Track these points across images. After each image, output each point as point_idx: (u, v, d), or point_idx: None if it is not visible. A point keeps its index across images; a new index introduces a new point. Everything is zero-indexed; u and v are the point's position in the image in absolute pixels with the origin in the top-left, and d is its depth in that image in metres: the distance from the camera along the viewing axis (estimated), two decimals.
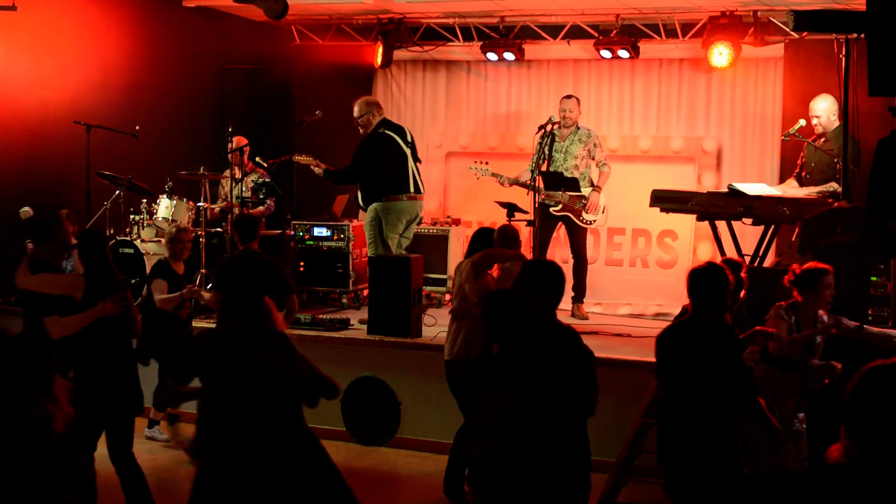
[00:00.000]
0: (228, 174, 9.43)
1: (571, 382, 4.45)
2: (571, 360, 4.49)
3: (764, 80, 9.80)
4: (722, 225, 8.01)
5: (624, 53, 9.82)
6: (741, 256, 7.81)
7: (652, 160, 10.14)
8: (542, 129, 8.81)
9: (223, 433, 4.34)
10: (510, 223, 7.40)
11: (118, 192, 9.19)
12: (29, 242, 6.85)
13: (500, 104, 10.80)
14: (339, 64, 10.96)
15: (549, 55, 10.49)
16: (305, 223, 9.91)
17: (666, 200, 8.07)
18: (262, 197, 9.57)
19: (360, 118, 8.85)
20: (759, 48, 9.52)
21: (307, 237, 9.85)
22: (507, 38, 10.28)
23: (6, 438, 3.23)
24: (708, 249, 9.30)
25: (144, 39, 10.20)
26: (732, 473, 4.86)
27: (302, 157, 8.97)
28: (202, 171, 9.54)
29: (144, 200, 9.18)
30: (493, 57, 10.32)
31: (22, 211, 8.61)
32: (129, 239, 8.85)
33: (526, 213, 8.49)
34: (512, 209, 8.41)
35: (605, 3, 9.63)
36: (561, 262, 9.88)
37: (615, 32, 9.83)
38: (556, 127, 9.13)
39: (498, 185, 9.45)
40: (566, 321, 9.29)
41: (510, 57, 10.27)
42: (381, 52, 10.59)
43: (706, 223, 8.13)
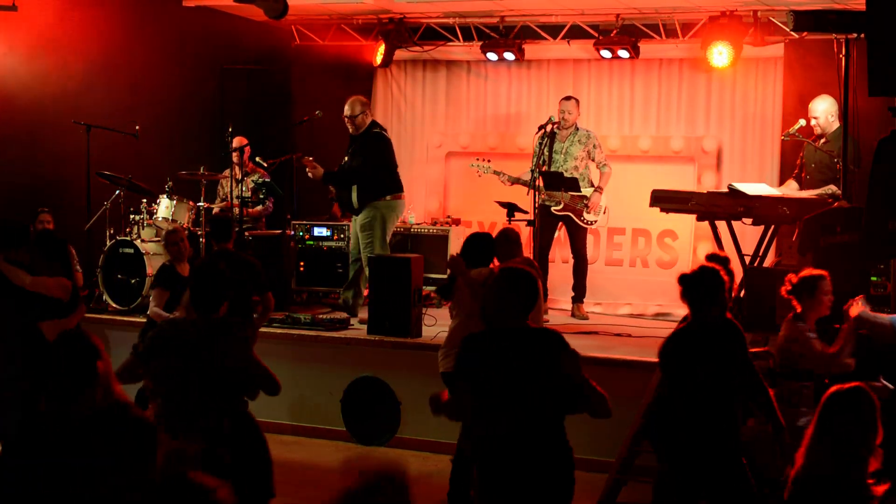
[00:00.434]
0: (228, 174, 9.44)
1: (546, 387, 4.31)
2: (545, 364, 4.30)
3: (764, 80, 9.80)
4: (722, 225, 8.01)
5: (624, 53, 9.82)
6: (741, 256, 7.82)
7: (652, 160, 10.14)
8: (541, 129, 8.81)
9: (169, 418, 4.59)
10: (510, 225, 7.38)
11: (118, 192, 9.19)
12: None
13: (500, 104, 10.80)
14: (339, 64, 10.95)
15: (549, 55, 10.49)
16: (305, 223, 9.91)
17: (666, 200, 8.07)
18: (262, 197, 9.57)
19: (355, 117, 8.84)
20: (759, 48, 9.52)
21: (307, 237, 9.85)
22: (507, 38, 10.28)
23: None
24: (708, 249, 9.28)
25: (144, 39, 10.20)
26: (737, 473, 4.87)
27: (307, 159, 8.95)
28: (202, 171, 9.54)
29: (144, 200, 9.18)
30: (493, 57, 10.32)
31: None
32: (129, 239, 8.85)
33: (526, 213, 8.49)
34: (512, 209, 8.41)
35: (605, 3, 9.63)
36: (561, 262, 9.94)
37: (615, 32, 9.82)
38: (555, 127, 9.14)
39: (498, 185, 9.45)
40: (566, 321, 9.37)
41: (510, 57, 10.27)
42: (381, 51, 10.59)
43: (706, 223, 8.13)
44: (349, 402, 7.85)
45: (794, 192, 8.22)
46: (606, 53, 9.89)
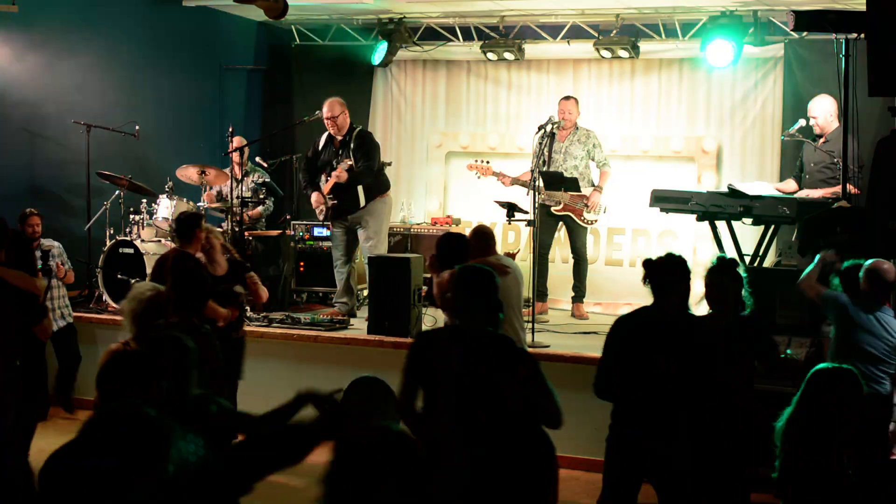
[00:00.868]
0: (228, 174, 9.44)
1: (502, 391, 4.23)
2: (500, 368, 4.24)
3: (764, 80, 9.80)
4: (722, 225, 8.01)
5: (624, 53, 9.82)
6: (741, 256, 7.82)
7: (652, 160, 10.14)
8: (541, 128, 8.82)
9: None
10: (482, 224, 7.35)
11: (118, 192, 9.19)
12: None
13: (500, 104, 10.80)
14: (339, 64, 10.96)
15: (549, 55, 10.49)
16: (305, 223, 9.90)
17: (666, 200, 8.07)
18: (261, 197, 9.58)
19: (337, 118, 8.76)
20: (759, 48, 9.52)
21: (307, 237, 9.85)
22: (507, 38, 10.28)
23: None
24: (708, 249, 9.29)
25: (144, 39, 10.20)
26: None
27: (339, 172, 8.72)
28: (202, 171, 9.54)
29: (144, 200, 9.18)
30: (493, 57, 10.32)
31: None
32: (129, 239, 8.85)
33: (526, 213, 8.49)
34: (512, 209, 8.41)
35: (605, 3, 9.63)
36: (561, 262, 9.94)
37: (615, 32, 9.83)
38: (555, 127, 9.14)
39: (498, 185, 9.46)
40: (566, 321, 9.36)
41: (510, 57, 10.27)
42: (381, 51, 10.59)
43: (706, 223, 8.13)
44: (349, 402, 7.84)
45: (803, 192, 8.21)
46: (606, 53, 9.90)
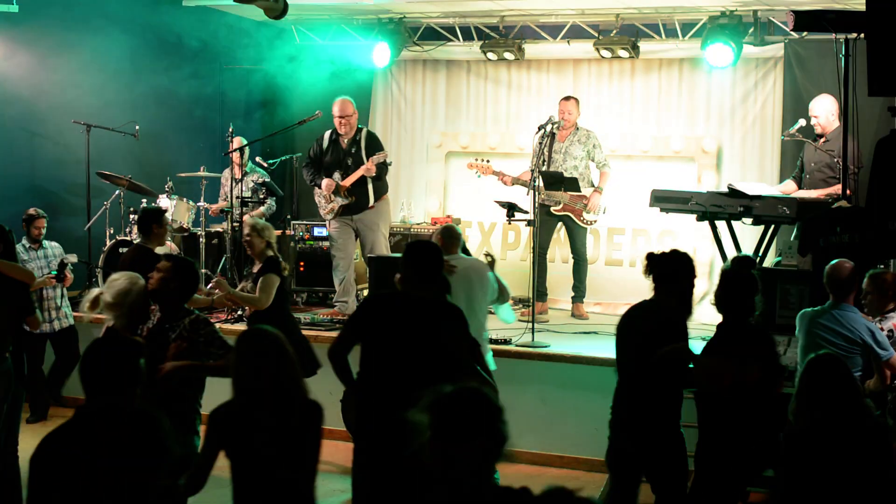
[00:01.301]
0: (228, 174, 9.44)
1: (447, 350, 4.66)
2: (432, 332, 4.69)
3: (764, 80, 9.80)
4: (722, 225, 8.01)
5: (624, 53, 9.82)
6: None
7: (652, 160, 10.14)
8: (541, 128, 8.82)
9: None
10: (450, 224, 7.36)
11: (118, 191, 9.19)
12: None
13: (500, 104, 10.79)
14: (339, 64, 10.96)
15: (549, 55, 10.48)
16: (305, 223, 9.91)
17: (666, 200, 8.07)
18: (262, 197, 9.58)
19: (350, 117, 8.84)
20: (759, 48, 9.52)
21: (307, 237, 9.85)
22: (507, 37, 10.28)
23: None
24: (708, 249, 9.29)
25: (144, 39, 10.20)
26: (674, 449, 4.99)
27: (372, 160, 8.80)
28: (202, 171, 9.54)
29: (144, 200, 9.19)
30: (493, 57, 10.32)
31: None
32: (129, 239, 8.85)
33: (526, 212, 8.49)
34: (512, 209, 8.41)
35: (605, 3, 9.62)
36: (561, 262, 9.94)
37: (615, 32, 9.82)
38: (555, 127, 9.13)
39: (498, 185, 9.45)
40: (566, 321, 9.35)
41: (510, 57, 10.27)
42: (381, 51, 10.58)
43: (706, 223, 8.13)
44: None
45: (801, 192, 8.22)
46: (606, 53, 9.89)
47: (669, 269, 5.04)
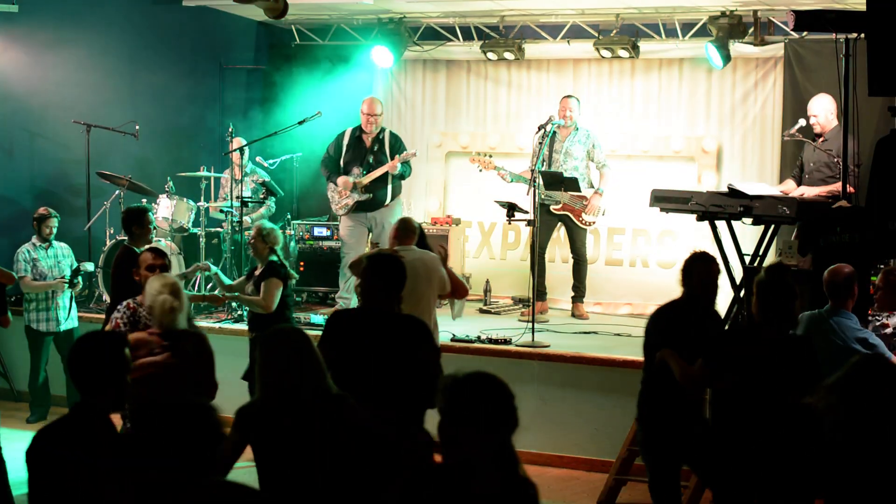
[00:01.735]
0: (228, 174, 9.44)
1: (407, 369, 4.67)
2: (406, 347, 4.72)
3: (764, 80, 9.79)
4: (722, 225, 8.00)
5: (624, 53, 9.82)
6: (741, 256, 7.82)
7: (652, 160, 10.14)
8: (541, 128, 8.82)
9: None
10: (408, 217, 7.38)
11: (118, 191, 9.19)
12: None
13: (500, 104, 10.79)
14: (339, 64, 10.96)
15: (549, 55, 10.48)
16: (305, 223, 9.91)
17: (666, 200, 8.06)
18: (262, 197, 9.58)
19: (378, 116, 9.09)
20: (759, 48, 9.52)
21: (307, 237, 9.85)
22: (507, 37, 10.27)
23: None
24: (708, 249, 9.26)
25: (144, 39, 10.20)
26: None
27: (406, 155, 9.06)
28: (202, 170, 9.54)
29: (144, 200, 9.18)
30: (493, 57, 10.32)
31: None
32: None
33: (526, 212, 8.49)
34: (512, 208, 8.41)
35: (605, 2, 9.63)
36: (561, 262, 9.94)
37: (615, 32, 9.82)
38: (555, 126, 9.13)
39: (498, 184, 9.45)
40: (566, 321, 9.35)
41: (510, 57, 10.27)
42: (381, 51, 10.58)
43: (706, 223, 8.12)
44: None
45: (802, 188, 8.22)
46: (606, 53, 9.89)
47: (684, 267, 5.40)
